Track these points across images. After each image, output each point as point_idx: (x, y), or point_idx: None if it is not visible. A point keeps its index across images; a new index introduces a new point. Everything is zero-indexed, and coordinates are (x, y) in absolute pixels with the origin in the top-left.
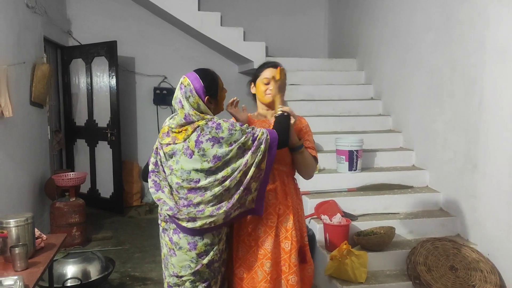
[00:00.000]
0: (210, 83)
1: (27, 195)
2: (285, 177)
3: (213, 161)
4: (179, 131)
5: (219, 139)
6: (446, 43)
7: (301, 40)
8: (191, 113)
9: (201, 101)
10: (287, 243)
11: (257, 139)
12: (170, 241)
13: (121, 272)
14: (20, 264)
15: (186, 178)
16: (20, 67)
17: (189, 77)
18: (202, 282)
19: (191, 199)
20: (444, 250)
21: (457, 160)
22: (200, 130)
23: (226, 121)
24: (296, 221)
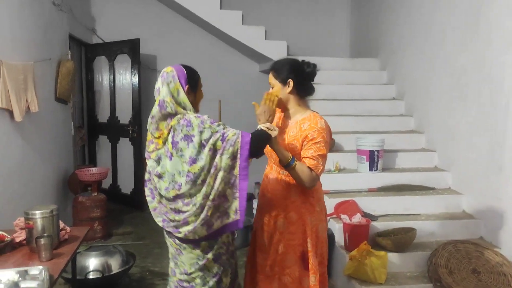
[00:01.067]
0: (193, 75)
1: (52, 188)
2: (287, 179)
3: (189, 163)
4: (158, 136)
5: (191, 137)
6: (473, 43)
7: (323, 39)
8: (166, 99)
9: (181, 88)
10: (281, 245)
11: (225, 140)
12: (174, 242)
13: (141, 267)
14: (45, 254)
15: (171, 180)
16: (46, 64)
17: (173, 66)
18: (212, 276)
19: (179, 208)
20: (466, 253)
21: (482, 162)
22: (173, 130)
23: (198, 117)
24: (298, 225)
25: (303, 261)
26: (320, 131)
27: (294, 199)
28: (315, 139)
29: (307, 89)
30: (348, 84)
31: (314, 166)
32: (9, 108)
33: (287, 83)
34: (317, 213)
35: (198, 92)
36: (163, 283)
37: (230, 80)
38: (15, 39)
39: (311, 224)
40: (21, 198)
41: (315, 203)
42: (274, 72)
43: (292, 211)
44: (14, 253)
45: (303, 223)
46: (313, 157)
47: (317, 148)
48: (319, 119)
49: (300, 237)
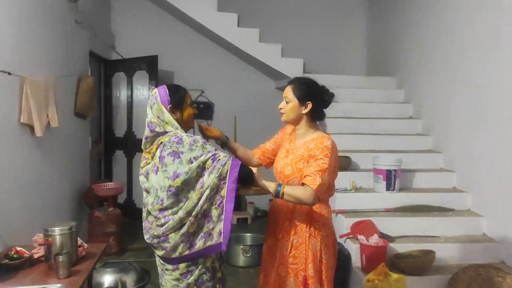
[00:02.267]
0: (175, 93)
1: (68, 203)
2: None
3: (172, 178)
4: (149, 151)
5: (179, 154)
6: (493, 63)
7: (339, 57)
8: (153, 120)
9: (164, 108)
10: (283, 269)
11: (216, 160)
12: (160, 261)
13: (155, 284)
14: (63, 272)
15: (156, 195)
16: (66, 80)
17: (157, 88)
18: None
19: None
20: (488, 278)
21: (503, 184)
22: (163, 146)
23: (190, 136)
24: (300, 249)
25: (304, 286)
26: (324, 149)
27: (299, 223)
28: (316, 156)
29: (320, 115)
30: (364, 102)
31: (309, 182)
32: (31, 124)
33: (306, 105)
34: (322, 238)
35: (186, 109)
36: None
37: (246, 96)
38: (37, 56)
39: (314, 250)
40: (39, 212)
41: (321, 227)
42: (293, 88)
43: (297, 235)
44: (32, 269)
45: (307, 248)
46: (311, 173)
47: (316, 165)
48: (326, 139)
49: (303, 262)
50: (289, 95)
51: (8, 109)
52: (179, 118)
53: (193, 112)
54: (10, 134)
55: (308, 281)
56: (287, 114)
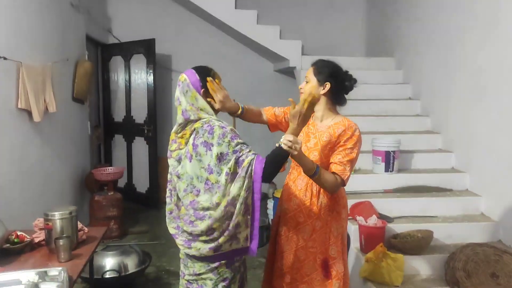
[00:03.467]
0: (205, 76)
1: (69, 188)
2: (316, 187)
3: (208, 171)
4: (181, 136)
5: (210, 146)
6: (492, 42)
7: (338, 38)
8: (187, 108)
9: (198, 94)
10: (302, 253)
11: (241, 167)
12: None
13: (157, 266)
14: (64, 255)
15: (190, 183)
16: (63, 64)
17: (185, 73)
18: (222, 280)
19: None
20: (485, 256)
21: (502, 164)
22: (196, 133)
23: (222, 127)
24: (320, 232)
25: (323, 269)
26: (353, 138)
27: (322, 206)
28: (346, 145)
29: (340, 99)
30: (363, 83)
31: (340, 172)
32: (28, 109)
33: (324, 85)
34: (342, 220)
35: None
36: (178, 282)
37: (244, 79)
38: (33, 40)
39: (337, 232)
40: (40, 197)
41: (342, 210)
42: (315, 69)
43: (318, 219)
44: (33, 253)
45: (328, 230)
46: (341, 162)
47: (346, 154)
48: (354, 125)
49: (322, 245)
50: (309, 75)
51: (5, 94)
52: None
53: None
54: (8, 119)
55: (329, 262)
56: (305, 93)
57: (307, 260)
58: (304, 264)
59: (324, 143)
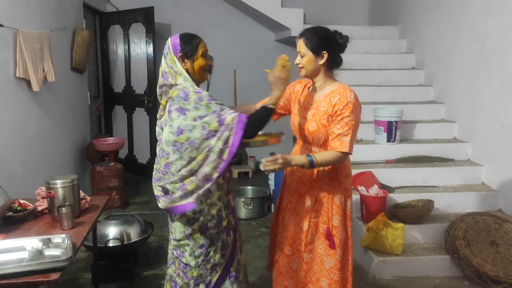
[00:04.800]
0: (187, 43)
1: (70, 158)
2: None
3: (176, 133)
4: (163, 105)
5: (185, 111)
6: (498, 10)
7: (341, 7)
8: (166, 70)
9: (175, 57)
10: (305, 223)
11: (224, 124)
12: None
13: (159, 236)
14: (67, 223)
15: (161, 148)
16: (61, 33)
17: (170, 37)
18: (199, 247)
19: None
20: (485, 225)
21: (504, 133)
22: (171, 100)
23: (197, 92)
24: (322, 203)
25: (327, 238)
26: (349, 105)
27: (323, 177)
28: (343, 113)
29: (338, 61)
30: (366, 53)
31: (340, 146)
32: (27, 78)
33: (321, 55)
34: (344, 190)
35: (199, 58)
36: None
37: (245, 49)
38: (29, 7)
39: (339, 201)
40: (41, 167)
41: (343, 180)
42: (305, 40)
43: (320, 190)
44: (36, 221)
45: (330, 200)
46: (338, 135)
47: (344, 124)
48: (349, 92)
49: (325, 215)
50: (302, 49)
51: (3, 62)
52: (189, 69)
53: (205, 63)
54: (7, 88)
55: (332, 232)
56: (306, 69)
57: (310, 229)
58: (308, 234)
59: (322, 112)
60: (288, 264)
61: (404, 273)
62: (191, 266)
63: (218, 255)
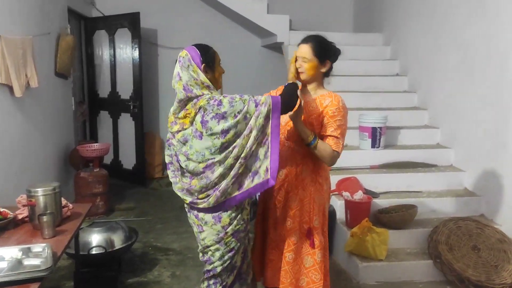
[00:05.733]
0: (206, 53)
1: (53, 164)
2: (299, 157)
3: (222, 136)
4: (184, 116)
5: (223, 114)
6: (481, 17)
7: (326, 14)
8: (190, 83)
9: (198, 69)
10: (289, 221)
11: (260, 104)
12: (196, 218)
13: (144, 242)
14: (48, 232)
15: (201, 160)
16: (45, 38)
17: (186, 49)
18: (228, 251)
19: (209, 176)
20: (467, 230)
21: (486, 139)
22: (203, 110)
23: (226, 96)
24: (304, 202)
25: (308, 238)
26: (341, 110)
27: (304, 177)
28: (336, 116)
29: (330, 72)
30: (351, 59)
31: (335, 145)
32: (9, 84)
33: (325, 63)
34: (324, 192)
35: (217, 68)
36: (165, 258)
37: (232, 55)
38: (12, 12)
39: (319, 203)
40: (23, 174)
41: (323, 182)
42: (312, 46)
43: (302, 189)
44: (17, 230)
45: (312, 201)
46: (334, 135)
47: (338, 126)
48: (340, 98)
49: (307, 215)
50: (307, 55)
51: None
52: (211, 78)
53: (223, 71)
54: None
55: (313, 231)
56: (308, 73)
57: (294, 229)
58: (292, 232)
59: (309, 112)
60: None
61: (388, 278)
62: (216, 271)
63: (239, 257)
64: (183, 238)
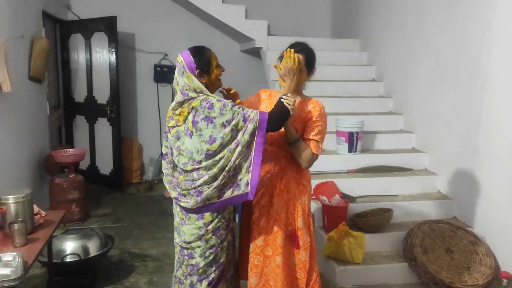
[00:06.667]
0: (201, 58)
1: (26, 170)
2: (284, 161)
3: (209, 142)
4: (179, 113)
5: (212, 119)
6: (452, 25)
7: (304, 19)
8: (185, 88)
9: (193, 76)
10: (275, 225)
11: (248, 120)
12: (181, 212)
13: (121, 249)
14: (19, 240)
15: (190, 157)
16: (18, 42)
17: (181, 55)
18: (209, 248)
19: (192, 178)
20: (440, 233)
21: (458, 143)
22: (195, 111)
23: (219, 100)
24: (289, 205)
25: (292, 239)
26: (322, 115)
27: (289, 180)
28: (318, 121)
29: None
30: (328, 65)
31: (314, 149)
32: None
33: (311, 72)
34: (308, 193)
35: (213, 71)
36: (142, 264)
37: None
38: None
39: (303, 204)
40: None
41: (307, 183)
42: (306, 57)
43: (286, 192)
44: None
45: (296, 203)
46: (315, 139)
47: (318, 131)
48: (321, 104)
49: (290, 217)
50: (302, 66)
51: None
52: (207, 82)
53: (220, 72)
54: None
55: (297, 233)
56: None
57: (280, 231)
58: (278, 235)
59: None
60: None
61: (365, 281)
62: (199, 267)
63: (224, 254)
64: (160, 244)
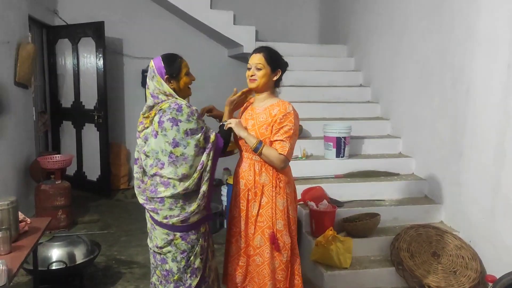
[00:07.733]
0: (171, 64)
1: (12, 177)
2: (258, 166)
3: (172, 145)
4: (147, 116)
5: (177, 122)
6: (436, 32)
7: (292, 25)
8: (155, 92)
9: (162, 80)
10: (252, 227)
11: (210, 142)
12: (151, 218)
13: (107, 256)
14: (3, 248)
15: (155, 158)
16: (4, 47)
17: (153, 60)
18: (180, 253)
19: (160, 191)
20: (427, 237)
21: (443, 148)
22: (162, 112)
23: (189, 106)
24: (266, 208)
25: (271, 242)
26: (288, 116)
27: (265, 184)
28: (282, 123)
29: (279, 83)
30: (316, 70)
31: (280, 149)
32: None
33: (276, 72)
34: (287, 194)
35: (182, 78)
36: (129, 271)
37: (198, 65)
38: None
39: (282, 206)
40: None
41: (285, 185)
42: (267, 57)
43: (264, 195)
44: None
45: (274, 206)
46: (279, 140)
47: (284, 132)
48: (287, 105)
49: (269, 220)
50: (262, 62)
51: None
52: (176, 88)
53: (190, 80)
54: None
55: (276, 235)
56: (260, 81)
57: (256, 234)
58: (254, 237)
59: (260, 123)
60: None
61: (353, 286)
62: (173, 272)
63: (198, 259)
64: (147, 250)
